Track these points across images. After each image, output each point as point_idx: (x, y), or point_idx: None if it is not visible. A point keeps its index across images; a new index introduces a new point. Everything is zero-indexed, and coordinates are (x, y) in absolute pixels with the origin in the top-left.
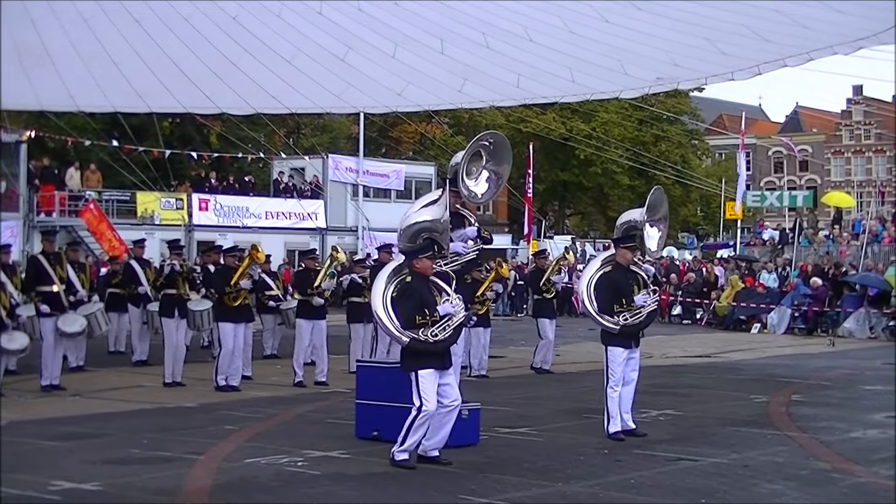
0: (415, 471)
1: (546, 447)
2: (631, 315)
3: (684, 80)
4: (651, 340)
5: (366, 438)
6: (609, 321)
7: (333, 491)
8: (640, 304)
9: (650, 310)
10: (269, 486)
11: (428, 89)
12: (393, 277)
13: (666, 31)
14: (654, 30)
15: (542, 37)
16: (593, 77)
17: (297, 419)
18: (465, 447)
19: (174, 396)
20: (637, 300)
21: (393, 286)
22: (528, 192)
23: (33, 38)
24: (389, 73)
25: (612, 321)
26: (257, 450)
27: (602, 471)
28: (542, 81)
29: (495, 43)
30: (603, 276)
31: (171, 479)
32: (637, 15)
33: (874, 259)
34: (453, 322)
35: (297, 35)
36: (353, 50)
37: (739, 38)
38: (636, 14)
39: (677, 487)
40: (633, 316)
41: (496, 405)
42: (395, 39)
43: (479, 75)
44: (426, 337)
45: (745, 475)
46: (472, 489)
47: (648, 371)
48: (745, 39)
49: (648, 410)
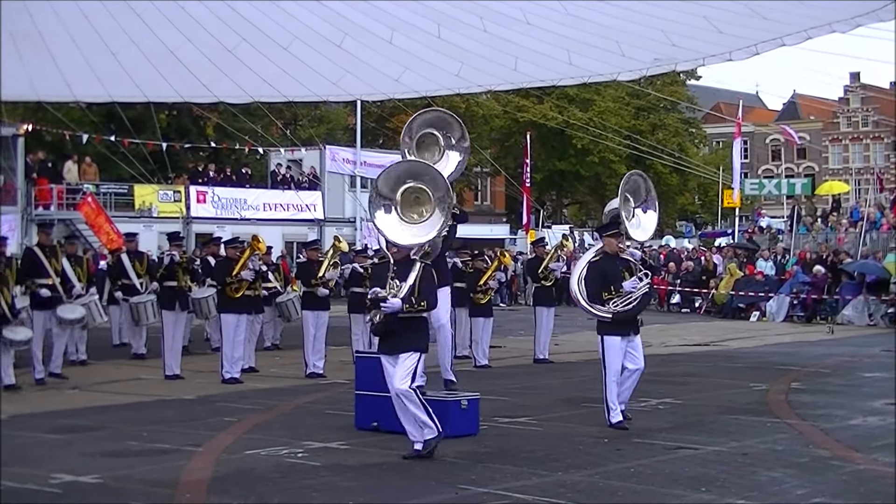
0: (414, 461)
1: (545, 437)
2: (622, 302)
3: (682, 61)
4: (650, 329)
5: (365, 429)
6: (601, 310)
7: (333, 482)
8: (629, 290)
9: (640, 294)
10: (268, 478)
11: (425, 75)
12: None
13: (663, 11)
14: (652, 9)
15: (539, 19)
16: (591, 59)
17: (297, 410)
18: (464, 437)
19: (173, 389)
20: (625, 286)
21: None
22: (526, 181)
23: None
24: (386, 58)
25: (603, 310)
26: (256, 441)
27: (602, 460)
28: (539, 64)
29: (493, 27)
30: (590, 266)
31: (170, 471)
32: None
33: (872, 246)
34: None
35: (293, 22)
36: (349, 36)
37: (737, 16)
38: None
39: (677, 476)
40: (623, 303)
41: (495, 395)
42: (392, 24)
43: (476, 59)
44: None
45: (744, 463)
46: (472, 479)
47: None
48: (742, 18)
49: (647, 399)
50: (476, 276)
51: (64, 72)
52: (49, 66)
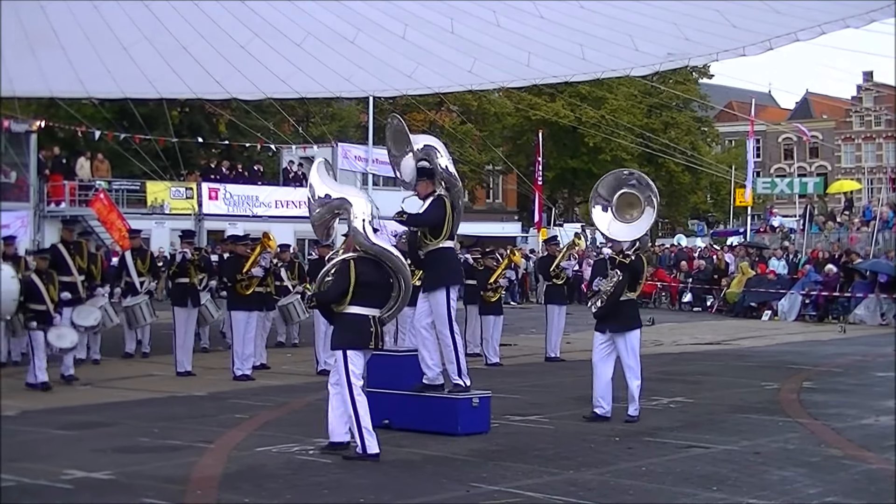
0: (425, 459)
1: (556, 435)
2: (597, 300)
3: (695, 56)
4: (661, 328)
5: (376, 427)
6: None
7: (344, 479)
8: (595, 289)
9: (606, 292)
10: (279, 475)
11: (438, 70)
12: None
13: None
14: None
15: (552, 13)
16: (604, 54)
17: (308, 407)
18: (475, 435)
19: (184, 385)
20: (594, 284)
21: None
22: (538, 179)
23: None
24: (399, 54)
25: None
26: (267, 438)
27: (612, 458)
28: (552, 59)
29: (506, 21)
30: (594, 264)
31: (181, 468)
32: None
33: (885, 245)
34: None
35: (306, 17)
36: (362, 31)
37: (751, 9)
38: None
39: (688, 474)
40: (597, 300)
41: (507, 393)
42: (404, 20)
43: (489, 55)
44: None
45: (755, 462)
46: (483, 477)
47: (659, 358)
48: (756, 11)
49: (659, 398)
50: (486, 274)
51: (77, 68)
52: (62, 62)
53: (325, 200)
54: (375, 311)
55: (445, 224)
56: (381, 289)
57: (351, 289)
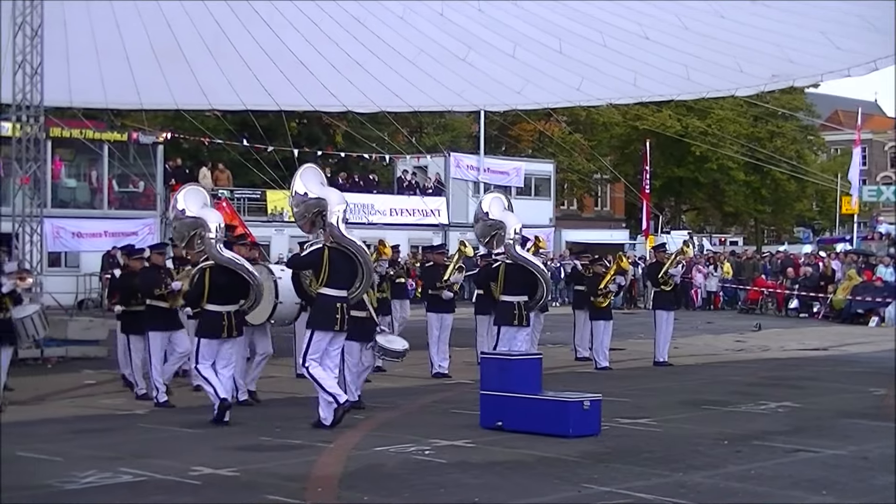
0: (537, 460)
1: (665, 438)
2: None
3: (800, 78)
4: (768, 333)
5: (490, 428)
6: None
7: (459, 479)
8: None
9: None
10: (396, 474)
11: (546, 87)
12: None
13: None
14: (770, 24)
15: (658, 34)
16: (709, 75)
17: (423, 409)
18: (586, 437)
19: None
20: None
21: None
22: (645, 187)
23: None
24: (509, 72)
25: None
26: (384, 439)
27: (721, 461)
28: (658, 80)
29: (613, 42)
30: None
31: (302, 466)
32: (753, 9)
33: None
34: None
35: (419, 36)
36: (473, 50)
37: (855, 30)
38: (752, 9)
39: (796, 479)
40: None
41: (616, 396)
42: (514, 39)
43: (596, 74)
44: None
45: (863, 467)
46: (594, 478)
47: (766, 363)
48: (860, 32)
49: (766, 402)
50: (595, 280)
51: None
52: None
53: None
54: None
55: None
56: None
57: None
